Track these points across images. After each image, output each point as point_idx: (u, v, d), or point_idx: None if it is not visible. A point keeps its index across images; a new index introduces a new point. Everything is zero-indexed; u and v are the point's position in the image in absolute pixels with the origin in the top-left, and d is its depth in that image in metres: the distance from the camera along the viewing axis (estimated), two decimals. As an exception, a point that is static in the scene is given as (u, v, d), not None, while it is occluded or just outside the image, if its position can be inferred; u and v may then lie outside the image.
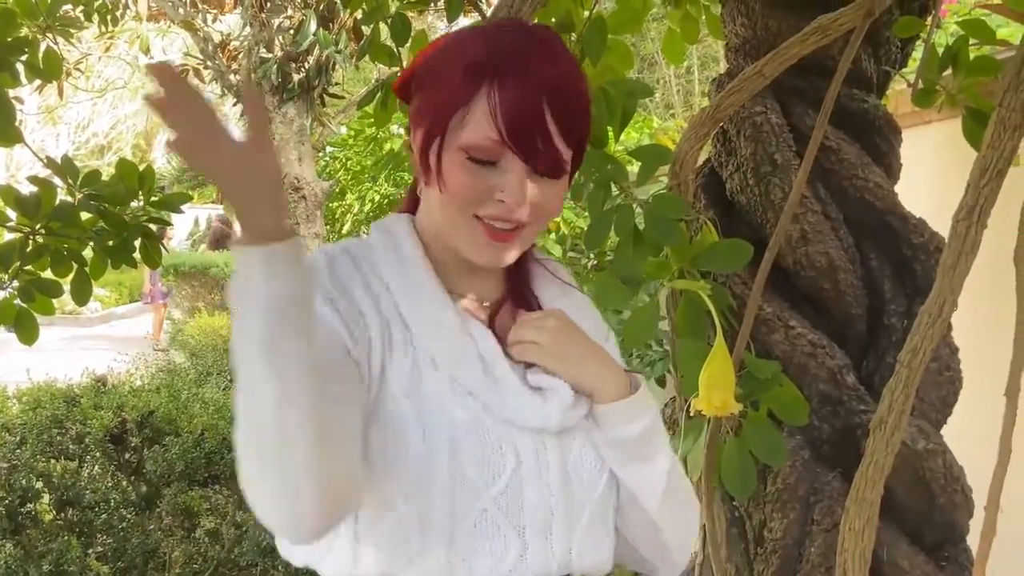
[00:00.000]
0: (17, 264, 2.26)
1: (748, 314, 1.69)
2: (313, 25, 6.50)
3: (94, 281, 2.39)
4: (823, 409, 1.99)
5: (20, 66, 2.44)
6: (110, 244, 2.38)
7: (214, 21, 7.67)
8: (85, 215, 2.35)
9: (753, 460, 1.62)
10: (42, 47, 2.68)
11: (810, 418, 1.77)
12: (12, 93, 2.41)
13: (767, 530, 2.01)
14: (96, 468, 3.89)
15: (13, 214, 2.28)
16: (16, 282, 2.28)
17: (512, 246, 1.07)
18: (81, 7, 3.20)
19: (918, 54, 2.19)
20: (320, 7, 6.58)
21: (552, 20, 2.03)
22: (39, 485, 3.77)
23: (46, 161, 2.41)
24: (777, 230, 1.70)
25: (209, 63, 7.49)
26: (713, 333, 1.53)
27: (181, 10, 7.32)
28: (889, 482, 1.54)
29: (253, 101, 0.90)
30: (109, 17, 3.19)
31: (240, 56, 7.29)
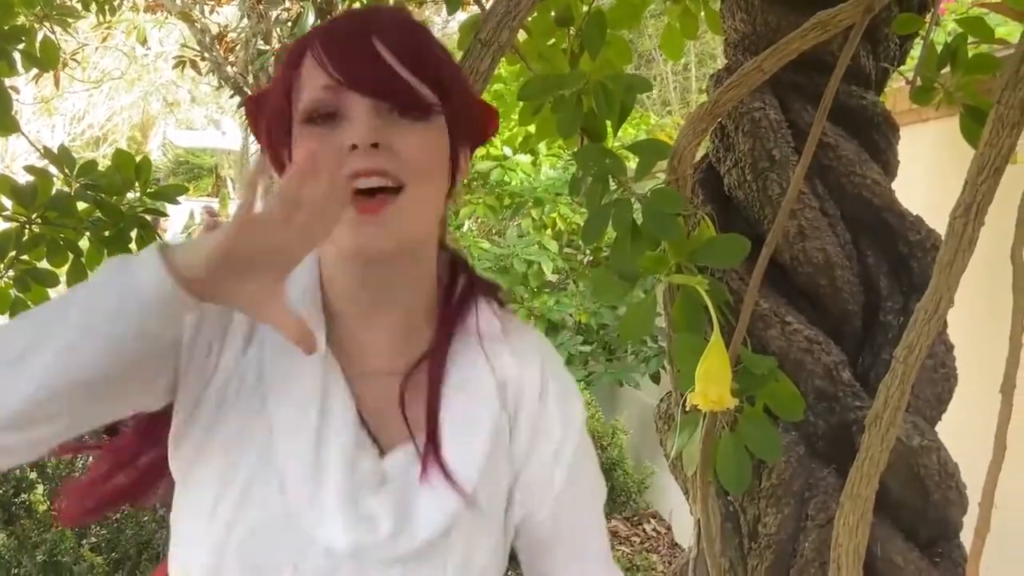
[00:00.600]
0: (13, 253, 2.26)
1: (745, 309, 1.69)
2: (311, 17, 6.49)
3: (90, 271, 2.38)
4: (819, 405, 1.99)
5: (17, 55, 2.43)
6: (106, 234, 2.38)
7: (211, 12, 7.65)
8: (82, 205, 2.35)
9: (748, 455, 1.63)
10: (39, 36, 2.68)
11: (805, 414, 1.78)
12: (8, 83, 2.40)
13: (761, 525, 2.01)
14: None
15: (9, 203, 2.28)
16: (12, 271, 2.27)
17: (388, 221, 0.89)
18: (78, -4, 3.19)
19: (916, 52, 2.19)
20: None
21: (551, 14, 2.04)
22: (33, 475, 3.77)
23: (43, 151, 2.40)
24: (775, 226, 1.70)
25: (206, 55, 7.47)
26: (710, 328, 1.53)
27: (179, 1, 7.31)
28: (884, 478, 1.54)
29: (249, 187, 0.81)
30: (107, 7, 3.18)
31: (237, 48, 7.27)
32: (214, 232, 0.77)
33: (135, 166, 2.39)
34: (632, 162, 1.77)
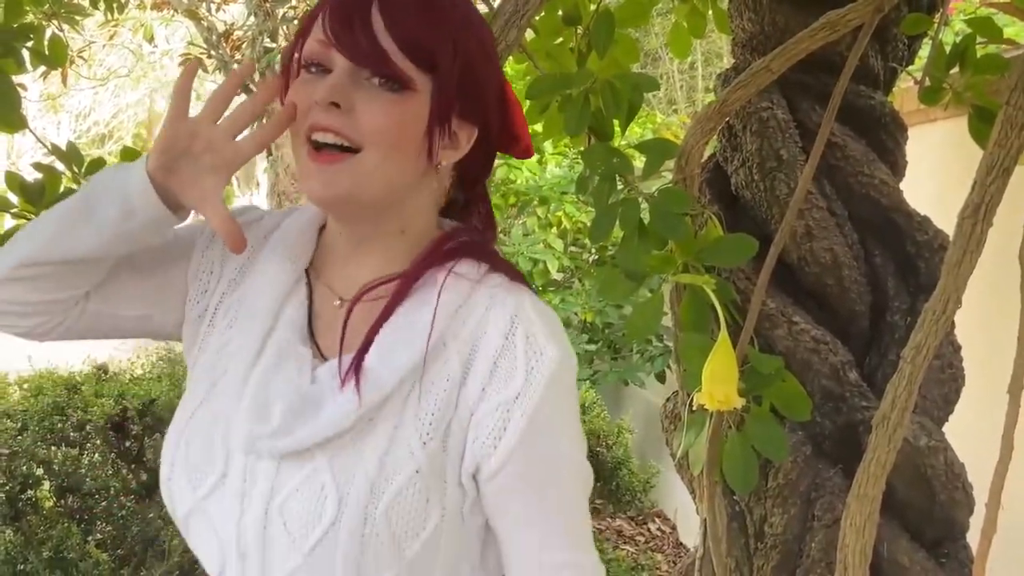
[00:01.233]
0: (21, 251, 2.26)
1: (752, 309, 1.69)
2: (317, 15, 6.51)
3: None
4: (825, 405, 1.99)
5: (25, 53, 2.43)
6: (114, 232, 2.38)
7: (218, 10, 7.66)
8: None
9: (755, 455, 1.63)
10: (47, 34, 2.68)
11: (812, 414, 1.77)
12: (16, 80, 2.40)
13: (768, 525, 2.01)
14: (97, 456, 3.88)
15: (15, 199, 2.28)
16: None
17: (338, 173, 0.94)
18: (87, -6, 3.20)
19: (924, 52, 2.19)
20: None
21: (559, 13, 2.03)
22: (40, 472, 3.76)
23: (51, 148, 2.41)
24: (782, 226, 1.70)
25: (213, 52, 7.48)
26: (717, 328, 1.53)
27: (185, -1, 7.33)
28: (890, 479, 1.54)
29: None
30: (115, 4, 3.19)
31: (244, 46, 7.28)
32: None
33: (142, 163, 2.40)
34: (639, 161, 1.77)
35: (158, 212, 0.95)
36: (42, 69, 2.92)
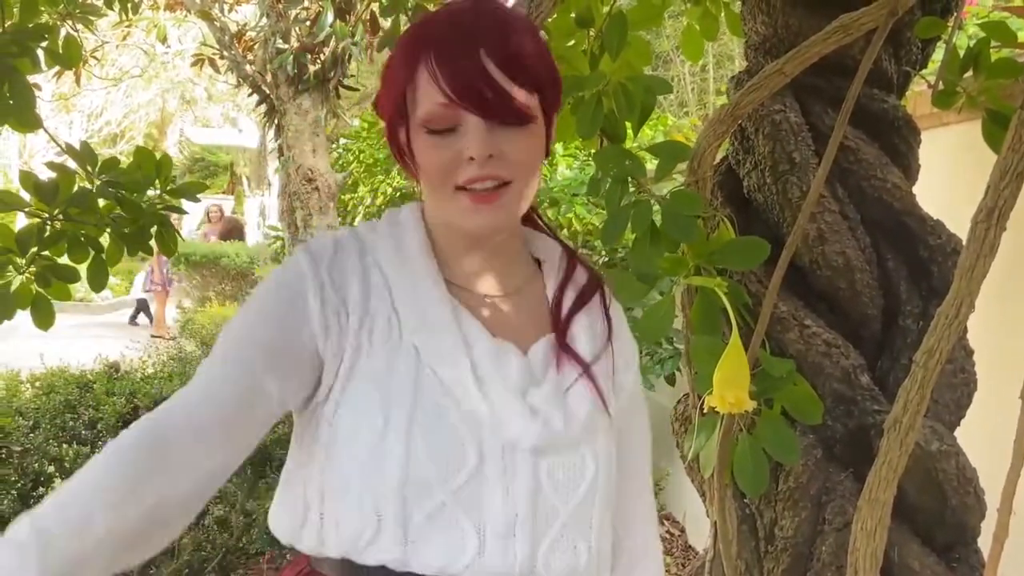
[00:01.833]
0: (35, 249, 2.28)
1: (763, 312, 1.69)
2: (330, 17, 6.51)
3: (110, 267, 2.40)
4: (837, 408, 1.98)
5: (40, 52, 2.45)
6: (126, 231, 2.39)
7: (231, 11, 7.68)
8: (102, 202, 2.36)
9: (766, 458, 1.63)
10: (62, 34, 2.69)
11: (823, 417, 1.77)
12: (30, 80, 2.42)
13: (778, 528, 2.01)
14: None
15: (28, 197, 2.29)
16: (33, 267, 2.29)
17: (499, 207, 1.05)
18: (101, -6, 3.21)
19: (938, 56, 2.19)
20: (337, -1, 6.60)
21: (572, 16, 2.04)
22: (51, 469, 3.78)
23: (65, 147, 2.42)
24: (794, 229, 1.70)
25: (225, 53, 7.50)
26: (728, 330, 1.53)
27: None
28: (902, 483, 1.53)
29: None
30: (129, 5, 3.20)
31: (256, 47, 7.29)
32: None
33: (155, 163, 2.41)
34: (651, 163, 1.77)
35: None
36: (55, 69, 2.94)
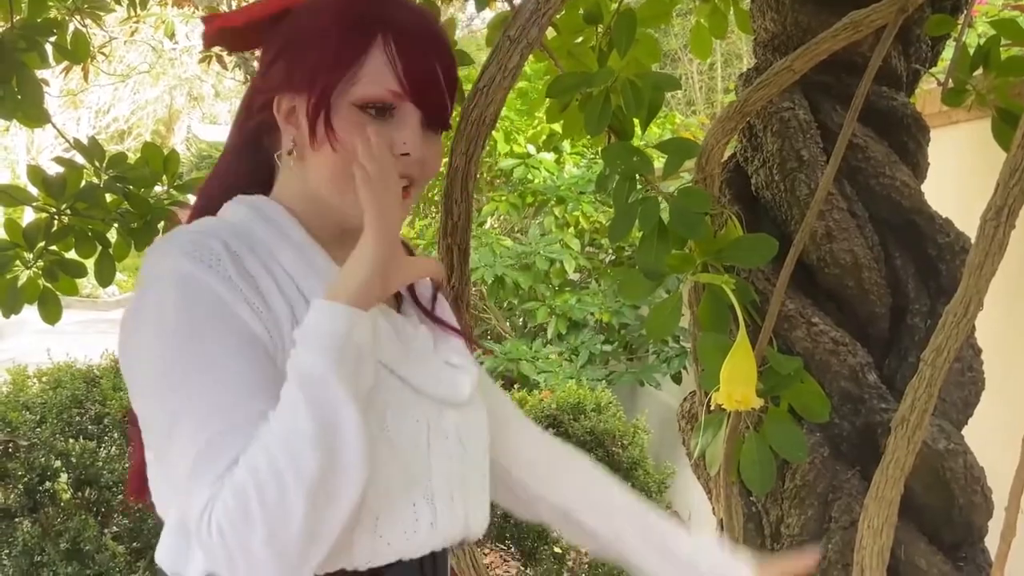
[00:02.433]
0: (42, 244, 2.28)
1: (771, 310, 1.69)
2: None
3: (118, 263, 2.41)
4: (844, 407, 1.98)
5: (48, 47, 2.45)
6: (133, 226, 2.40)
7: (238, 7, 7.69)
8: (110, 197, 2.37)
9: (773, 456, 1.62)
10: (70, 29, 2.70)
11: (831, 415, 1.77)
12: (39, 75, 2.42)
13: (784, 526, 2.01)
14: (114, 449, 3.91)
15: (36, 191, 2.30)
16: (41, 262, 2.30)
17: (406, 206, 1.05)
18: (110, -10, 3.21)
19: (947, 54, 2.18)
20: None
21: (580, 12, 2.03)
22: (58, 464, 3.78)
23: (73, 142, 2.43)
24: (802, 226, 1.69)
25: (232, 49, 7.50)
26: (735, 328, 1.53)
27: (206, -4, 7.34)
28: (909, 481, 1.53)
29: None
30: (137, 0, 3.21)
31: (263, 43, 7.30)
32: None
33: (163, 159, 2.41)
34: (659, 161, 1.77)
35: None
36: (63, 64, 2.94)
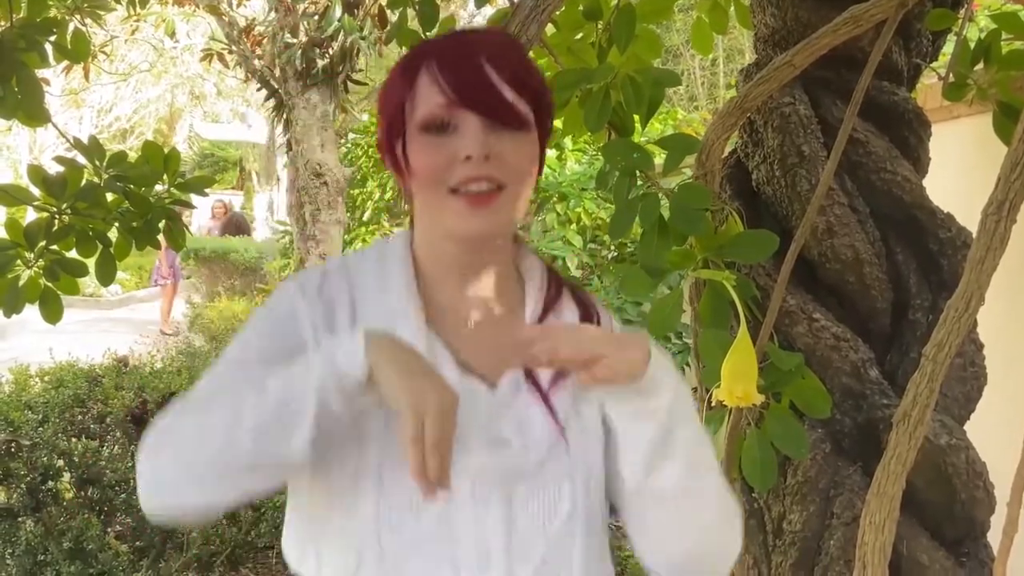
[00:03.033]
0: (43, 243, 2.28)
1: (772, 305, 1.68)
2: (338, 11, 6.50)
3: (118, 262, 2.40)
4: (845, 402, 1.98)
5: (48, 47, 2.45)
6: (134, 225, 2.40)
7: (239, 6, 7.67)
8: (110, 196, 2.37)
9: (774, 452, 1.62)
10: (70, 28, 2.69)
11: (832, 411, 1.77)
12: (39, 75, 2.42)
13: (786, 522, 2.00)
14: (117, 448, 3.91)
15: (37, 191, 2.30)
16: (42, 261, 2.29)
17: (494, 211, 1.05)
18: (110, -11, 3.21)
19: (948, 48, 2.17)
20: (345, -6, 6.59)
21: (580, 8, 2.03)
22: (60, 463, 3.79)
23: (74, 142, 2.42)
24: (803, 222, 1.69)
25: (234, 48, 7.49)
26: (736, 324, 1.53)
27: (207, -6, 7.34)
28: (911, 477, 1.53)
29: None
30: (137, -1, 3.21)
31: (265, 41, 7.28)
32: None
33: (164, 158, 2.41)
34: (660, 157, 1.77)
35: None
36: (64, 64, 2.94)
